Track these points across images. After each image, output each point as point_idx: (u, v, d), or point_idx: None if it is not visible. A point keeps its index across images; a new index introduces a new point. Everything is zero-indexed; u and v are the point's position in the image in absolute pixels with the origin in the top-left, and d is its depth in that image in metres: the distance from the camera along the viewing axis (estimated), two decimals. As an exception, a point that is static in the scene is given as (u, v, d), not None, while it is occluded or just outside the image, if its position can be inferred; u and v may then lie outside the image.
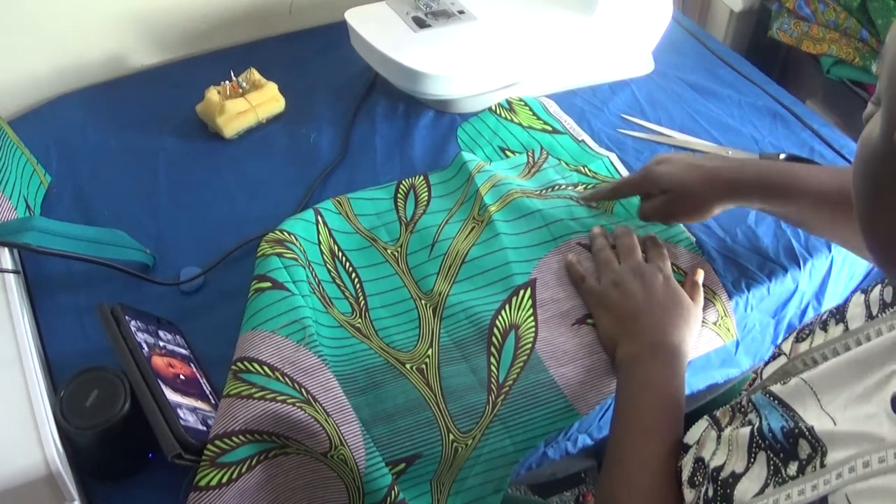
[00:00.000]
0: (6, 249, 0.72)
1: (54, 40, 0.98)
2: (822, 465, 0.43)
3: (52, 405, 0.59)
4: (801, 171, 0.72)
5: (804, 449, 0.45)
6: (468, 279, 0.76)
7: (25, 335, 0.64)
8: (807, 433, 0.45)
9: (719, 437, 0.54)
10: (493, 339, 0.71)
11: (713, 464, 0.51)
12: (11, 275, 0.69)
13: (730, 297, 0.75)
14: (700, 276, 0.75)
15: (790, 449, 0.46)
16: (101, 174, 0.89)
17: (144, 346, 0.63)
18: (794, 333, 0.59)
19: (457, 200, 0.84)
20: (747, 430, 0.50)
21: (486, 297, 0.74)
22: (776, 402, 0.50)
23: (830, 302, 0.85)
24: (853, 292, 0.56)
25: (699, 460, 0.54)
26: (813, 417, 0.47)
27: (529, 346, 0.70)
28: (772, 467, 0.47)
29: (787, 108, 0.99)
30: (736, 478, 0.48)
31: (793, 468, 0.45)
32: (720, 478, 0.49)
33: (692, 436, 0.59)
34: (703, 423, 0.58)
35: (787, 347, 0.59)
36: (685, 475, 0.55)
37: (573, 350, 0.70)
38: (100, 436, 0.57)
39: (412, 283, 0.77)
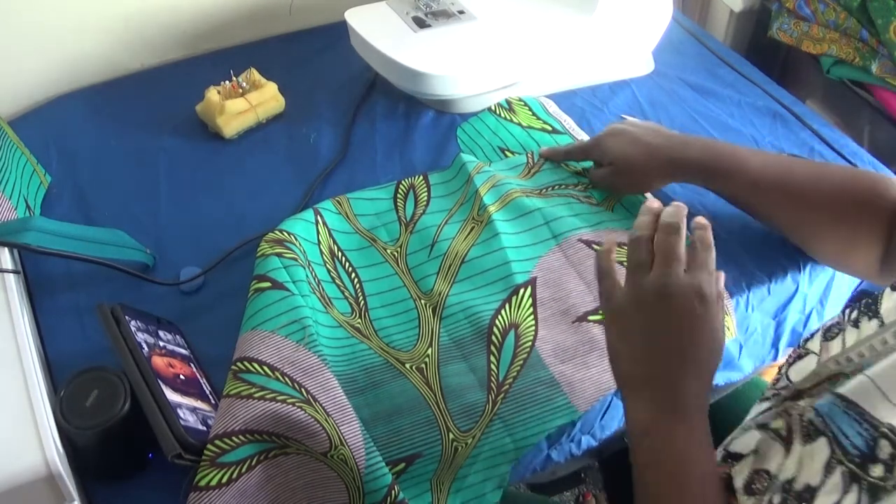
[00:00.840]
0: (6, 249, 0.72)
1: (54, 40, 0.98)
2: None
3: (52, 405, 0.59)
4: (745, 153, 0.75)
5: (884, 449, 0.44)
6: (468, 279, 0.76)
7: (25, 335, 0.64)
8: (889, 434, 0.44)
9: (788, 450, 0.50)
10: (493, 338, 0.71)
11: (783, 476, 0.49)
12: (11, 275, 0.69)
13: (731, 295, 0.75)
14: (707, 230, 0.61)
15: (869, 452, 0.45)
16: (101, 174, 0.89)
17: (144, 346, 0.63)
18: (821, 332, 0.56)
19: (456, 201, 0.84)
20: (823, 443, 0.47)
21: (485, 297, 0.74)
22: (843, 402, 0.48)
23: (833, 306, 0.85)
24: (882, 288, 0.54)
25: (760, 472, 0.51)
26: (886, 415, 0.45)
27: (529, 344, 0.70)
28: (847, 476, 0.45)
29: (787, 108, 0.99)
30: (812, 491, 0.46)
31: (877, 470, 0.43)
32: (794, 490, 0.47)
33: (743, 445, 0.54)
34: (754, 434, 0.54)
35: (815, 346, 0.55)
36: (739, 483, 0.51)
37: (573, 347, 0.70)
38: (100, 436, 0.57)
39: (412, 283, 0.77)
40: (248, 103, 0.93)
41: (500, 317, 0.72)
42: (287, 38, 1.12)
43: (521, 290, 0.74)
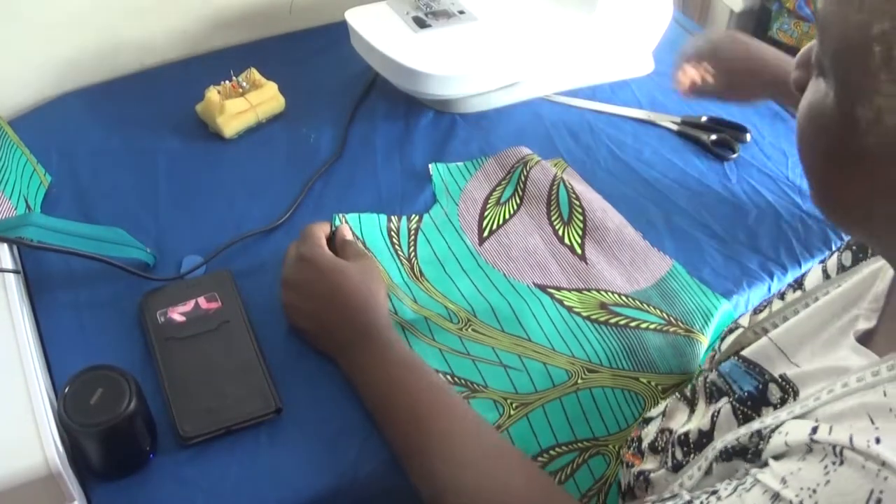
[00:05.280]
0: (6, 249, 0.71)
1: (54, 40, 0.98)
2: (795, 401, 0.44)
3: (54, 403, 0.59)
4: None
5: (774, 394, 0.46)
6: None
7: (26, 335, 0.64)
8: (778, 379, 0.46)
9: (692, 410, 0.54)
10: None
11: (680, 431, 0.52)
12: (11, 275, 0.69)
13: (730, 296, 0.75)
14: (347, 233, 0.78)
15: (759, 396, 0.46)
16: (101, 174, 0.89)
17: None
18: (752, 309, 0.60)
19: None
20: (724, 402, 0.50)
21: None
22: (744, 363, 0.51)
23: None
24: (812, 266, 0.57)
25: (664, 430, 0.55)
26: (782, 370, 0.47)
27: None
28: (740, 415, 0.47)
29: (786, 109, 0.99)
30: (707, 434, 0.48)
31: (768, 413, 0.45)
32: (690, 440, 0.49)
33: (657, 411, 0.59)
34: (669, 400, 0.59)
35: (745, 321, 0.59)
36: (646, 443, 0.55)
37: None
38: (103, 434, 0.57)
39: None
40: (248, 103, 0.93)
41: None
42: (287, 38, 1.11)
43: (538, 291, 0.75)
